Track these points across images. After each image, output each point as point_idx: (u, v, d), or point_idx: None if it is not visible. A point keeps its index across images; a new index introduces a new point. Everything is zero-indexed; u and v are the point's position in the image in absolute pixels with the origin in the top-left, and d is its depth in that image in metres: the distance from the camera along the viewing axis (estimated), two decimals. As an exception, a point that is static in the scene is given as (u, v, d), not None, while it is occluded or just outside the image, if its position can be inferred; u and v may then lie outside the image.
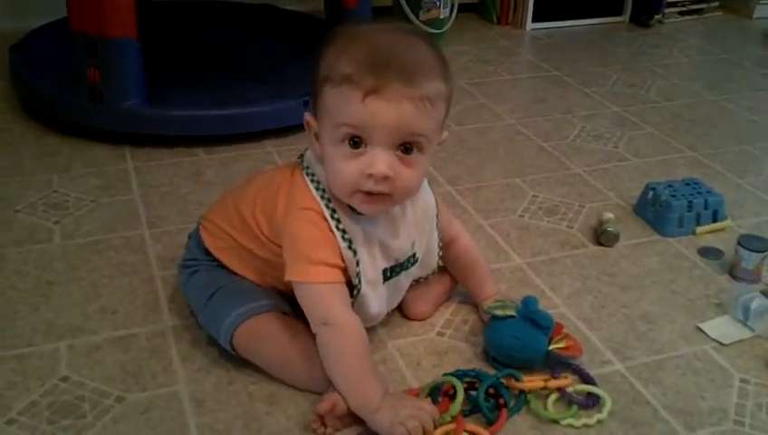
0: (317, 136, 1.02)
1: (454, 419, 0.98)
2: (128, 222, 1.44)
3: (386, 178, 0.97)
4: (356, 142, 0.96)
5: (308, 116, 1.03)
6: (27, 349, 1.12)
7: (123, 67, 1.65)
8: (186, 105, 1.73)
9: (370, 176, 0.96)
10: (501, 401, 1.03)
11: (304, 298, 1.01)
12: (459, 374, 1.06)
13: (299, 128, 1.75)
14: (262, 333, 1.07)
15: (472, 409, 1.02)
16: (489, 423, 1.00)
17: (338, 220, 1.02)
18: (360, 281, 1.04)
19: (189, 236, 1.22)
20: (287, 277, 1.01)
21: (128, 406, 1.03)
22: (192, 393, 1.05)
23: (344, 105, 0.95)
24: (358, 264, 1.03)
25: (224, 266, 1.15)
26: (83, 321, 1.18)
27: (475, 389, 1.03)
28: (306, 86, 1.76)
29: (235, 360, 1.10)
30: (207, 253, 1.16)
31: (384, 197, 0.99)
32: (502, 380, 1.06)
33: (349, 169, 0.97)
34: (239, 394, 1.06)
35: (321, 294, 1.00)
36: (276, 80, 1.90)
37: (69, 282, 1.27)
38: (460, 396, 1.00)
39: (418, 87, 0.95)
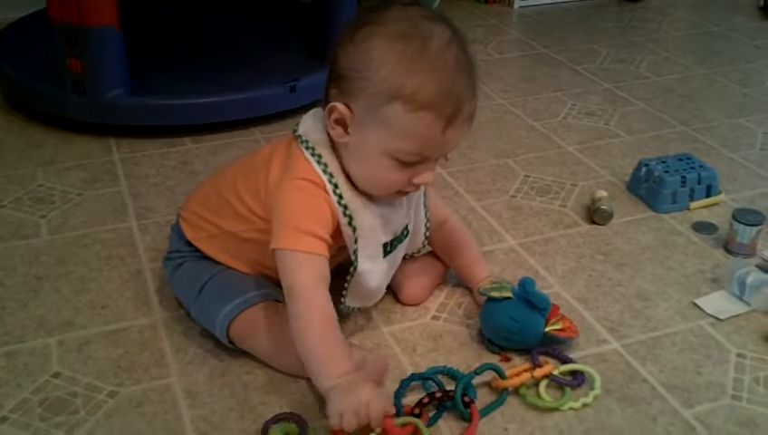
0: (344, 125, 0.98)
1: None
2: (115, 214, 1.42)
3: None
4: (413, 160, 0.98)
5: (340, 106, 0.97)
6: (17, 346, 1.11)
7: (105, 57, 1.62)
8: (170, 94, 1.71)
9: (418, 184, 1.01)
10: (466, 399, 0.99)
11: (281, 265, 0.99)
12: (431, 374, 1.04)
13: (286, 114, 1.76)
14: (256, 325, 1.06)
15: (437, 414, 1.00)
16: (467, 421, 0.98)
17: (340, 196, 1.01)
18: (356, 258, 1.03)
19: (172, 229, 1.21)
20: (272, 246, 0.99)
21: (121, 400, 1.02)
22: (186, 385, 1.04)
23: (422, 133, 0.95)
24: (356, 241, 1.02)
25: (207, 257, 1.13)
26: (73, 316, 1.17)
27: (436, 398, 1.00)
28: (291, 72, 1.78)
29: (228, 350, 1.09)
30: (190, 244, 1.14)
31: None
32: (482, 376, 1.03)
33: (397, 178, 1.00)
34: (233, 385, 1.05)
35: (296, 262, 0.98)
36: (262, 66, 1.88)
37: (57, 277, 1.25)
38: None
39: (476, 99, 0.98)
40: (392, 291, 1.19)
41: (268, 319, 1.06)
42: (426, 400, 1.00)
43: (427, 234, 1.18)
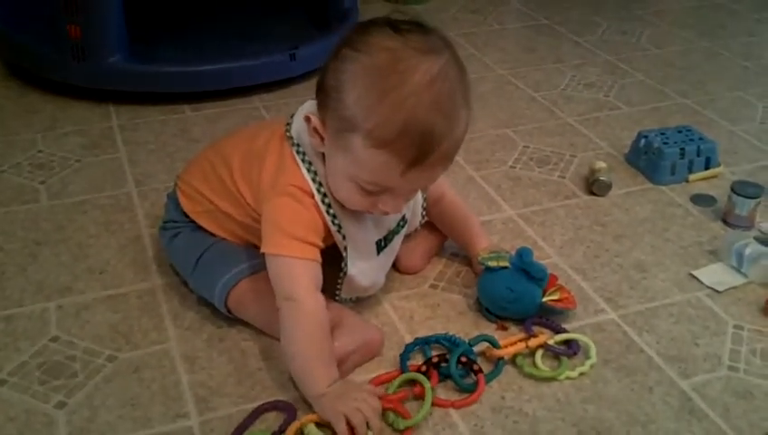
0: (321, 136, 0.97)
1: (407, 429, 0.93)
2: (114, 181, 1.42)
3: None
4: (374, 190, 0.96)
5: (314, 120, 0.96)
6: (16, 310, 1.11)
7: (105, 23, 1.61)
8: (170, 61, 1.70)
9: (385, 211, 0.99)
10: (475, 367, 1.00)
11: (274, 271, 0.99)
12: (432, 340, 1.05)
13: (286, 82, 1.75)
14: (253, 294, 1.06)
15: (442, 380, 1.00)
16: (465, 392, 0.98)
17: (328, 205, 1.00)
18: (346, 263, 1.03)
19: (168, 197, 1.20)
20: (262, 249, 0.99)
21: (119, 365, 1.02)
22: (184, 351, 1.05)
23: (379, 170, 0.92)
24: (346, 249, 1.02)
25: (203, 228, 1.13)
26: (72, 281, 1.17)
27: (446, 359, 1.01)
28: (291, 40, 1.77)
29: (227, 317, 1.09)
30: (186, 214, 1.14)
31: None
32: (476, 347, 1.04)
33: (361, 202, 0.98)
34: (231, 351, 1.05)
35: (291, 268, 0.98)
36: (262, 34, 1.87)
37: (56, 242, 1.25)
38: (427, 405, 0.94)
39: (457, 134, 0.94)
40: (391, 260, 1.20)
41: (264, 288, 1.05)
42: (435, 359, 1.01)
43: (424, 213, 1.17)
